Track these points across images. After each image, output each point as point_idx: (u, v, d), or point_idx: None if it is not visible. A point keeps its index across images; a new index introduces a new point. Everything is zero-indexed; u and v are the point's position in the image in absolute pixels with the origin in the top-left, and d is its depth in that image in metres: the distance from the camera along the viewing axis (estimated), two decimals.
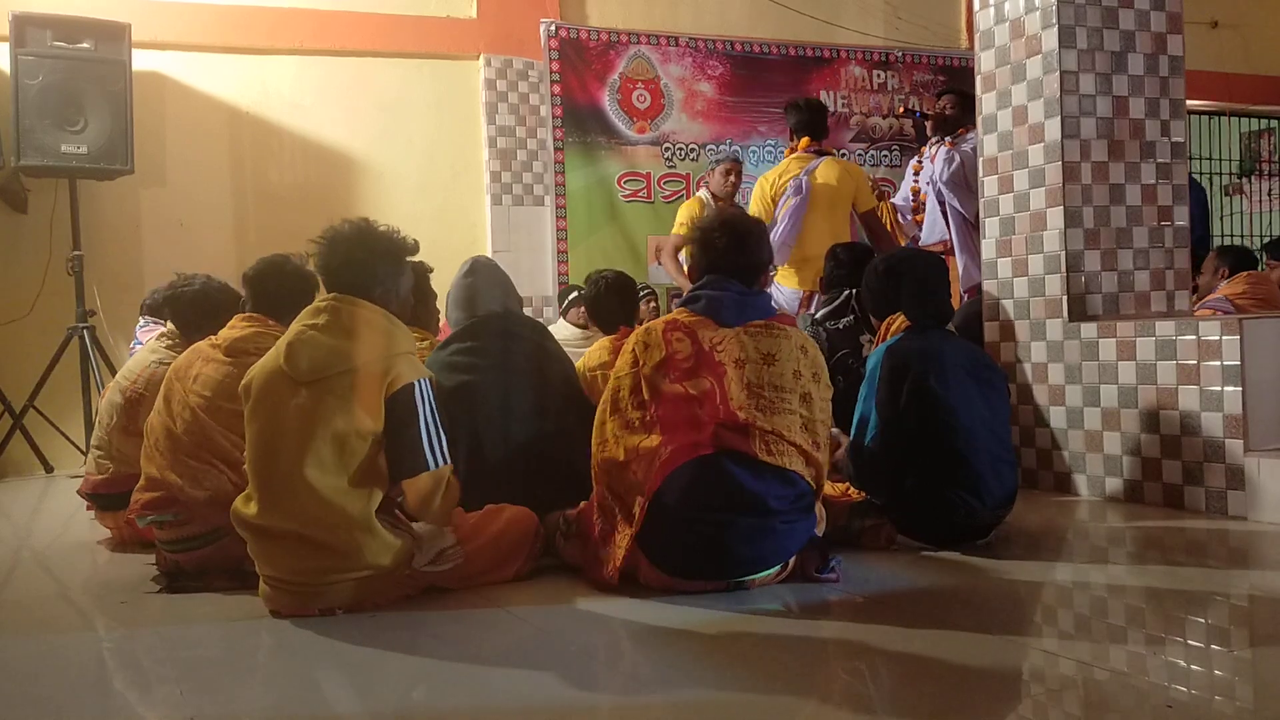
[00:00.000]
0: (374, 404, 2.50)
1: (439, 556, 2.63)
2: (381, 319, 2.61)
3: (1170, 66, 4.09)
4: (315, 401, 2.50)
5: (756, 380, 2.64)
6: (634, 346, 2.76)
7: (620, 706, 1.97)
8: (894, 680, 2.06)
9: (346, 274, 2.64)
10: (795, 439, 2.62)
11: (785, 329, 2.75)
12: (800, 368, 2.70)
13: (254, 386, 2.58)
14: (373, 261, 2.65)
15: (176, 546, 2.99)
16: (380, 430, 2.51)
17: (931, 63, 8.07)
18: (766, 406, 2.62)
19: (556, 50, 7.10)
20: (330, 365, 2.51)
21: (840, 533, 3.03)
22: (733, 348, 2.68)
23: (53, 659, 2.34)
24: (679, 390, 2.63)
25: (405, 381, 2.53)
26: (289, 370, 2.53)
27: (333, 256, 2.65)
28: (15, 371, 5.82)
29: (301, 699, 2.05)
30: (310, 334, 2.56)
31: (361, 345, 2.54)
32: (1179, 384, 3.58)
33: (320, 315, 2.60)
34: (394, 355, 2.57)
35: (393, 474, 2.55)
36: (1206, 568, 2.97)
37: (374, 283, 2.64)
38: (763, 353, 2.68)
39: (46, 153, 5.56)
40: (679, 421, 2.60)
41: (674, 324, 2.75)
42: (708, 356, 2.66)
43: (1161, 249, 4.10)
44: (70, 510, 4.36)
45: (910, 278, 3.27)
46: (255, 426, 2.57)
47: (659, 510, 2.56)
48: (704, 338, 2.69)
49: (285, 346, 2.57)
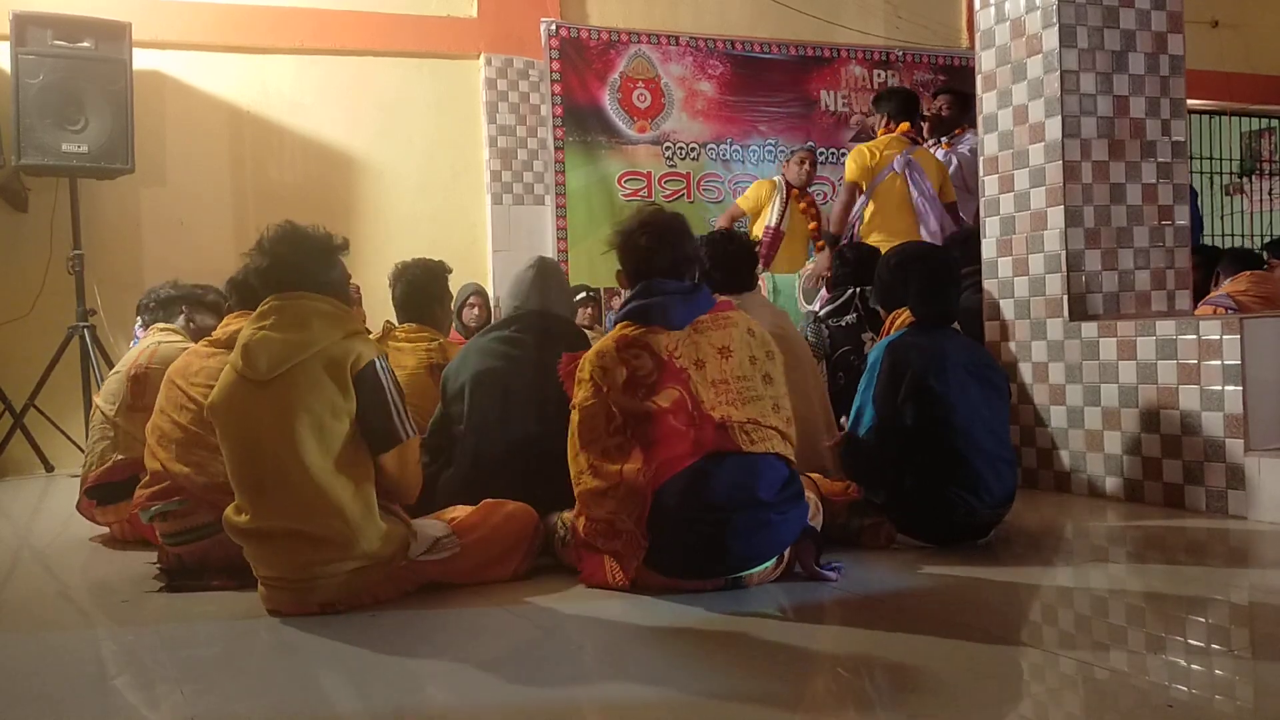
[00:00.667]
0: (342, 383, 2.53)
1: (435, 546, 2.64)
2: (327, 305, 2.64)
3: (1171, 66, 4.09)
4: (284, 394, 2.51)
5: (720, 376, 2.64)
6: (591, 374, 2.69)
7: (620, 706, 1.97)
8: (893, 679, 2.06)
9: (277, 274, 2.66)
10: (771, 421, 2.64)
11: (730, 316, 2.74)
12: (754, 352, 2.71)
13: (219, 406, 2.60)
14: (300, 259, 2.67)
15: (180, 539, 3.00)
16: (353, 409, 2.54)
17: (932, 62, 8.07)
18: (736, 399, 2.62)
19: (557, 49, 7.10)
20: (290, 357, 2.53)
21: (840, 531, 3.04)
22: (689, 350, 2.66)
23: (53, 658, 2.34)
24: (650, 407, 2.60)
25: (367, 359, 2.57)
26: (249, 373, 2.54)
27: (263, 260, 2.67)
28: (16, 370, 5.82)
29: (301, 698, 2.05)
30: (262, 334, 2.58)
31: (315, 332, 2.57)
32: (1179, 383, 3.58)
33: (268, 316, 2.62)
34: (349, 336, 2.60)
35: (371, 450, 2.58)
36: (1207, 567, 2.97)
37: (304, 279, 2.66)
38: (717, 347, 2.68)
39: (47, 152, 5.57)
40: (658, 439, 2.58)
41: (625, 341, 2.69)
42: (669, 365, 2.64)
43: (1162, 248, 4.10)
44: (70, 509, 4.34)
45: (919, 273, 3.26)
46: (230, 441, 2.59)
47: (655, 517, 2.55)
48: (660, 347, 2.66)
49: (240, 351, 2.59)
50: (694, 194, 7.51)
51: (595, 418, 2.66)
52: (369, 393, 2.56)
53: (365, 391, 2.55)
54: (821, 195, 7.70)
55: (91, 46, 5.68)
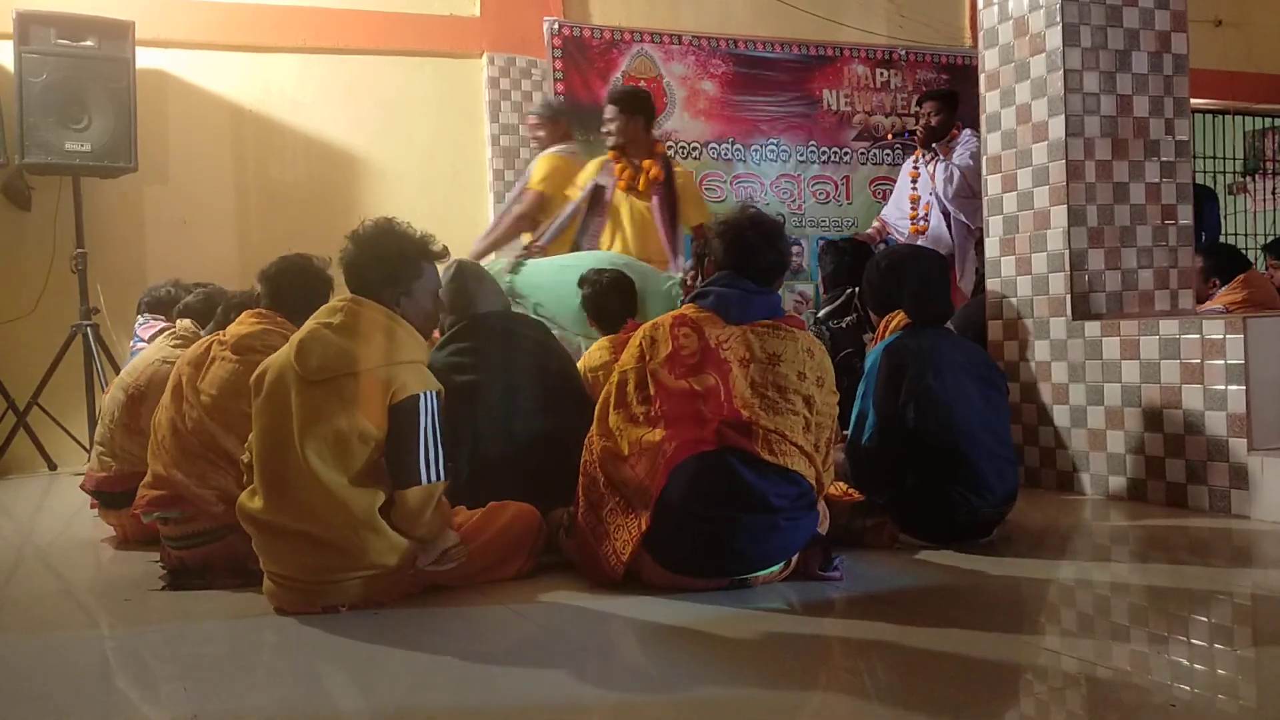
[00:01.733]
0: (377, 411, 2.49)
1: (443, 556, 2.63)
2: (389, 323, 2.59)
3: (1174, 65, 4.09)
4: (320, 401, 2.50)
5: (760, 379, 2.64)
6: (640, 340, 2.76)
7: (624, 704, 1.97)
8: (897, 678, 2.06)
9: (357, 273, 2.64)
10: (798, 440, 2.62)
11: (793, 330, 2.75)
12: (805, 370, 2.70)
13: (266, 380, 2.58)
14: (381, 262, 2.64)
15: (182, 543, 3.00)
16: (382, 437, 2.51)
17: (935, 61, 8.05)
18: (770, 406, 2.62)
19: (559, 48, 7.09)
20: (338, 366, 2.51)
21: (843, 531, 3.03)
22: (738, 346, 2.68)
23: (56, 657, 2.34)
24: (684, 386, 2.63)
25: (410, 393, 2.51)
26: (298, 368, 2.53)
27: (350, 255, 2.66)
28: (19, 369, 5.82)
29: (305, 696, 2.05)
30: (323, 332, 2.56)
31: (369, 349, 2.53)
32: (1182, 383, 3.58)
33: (336, 314, 2.59)
34: (399, 363, 2.55)
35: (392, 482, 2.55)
36: (1209, 566, 2.97)
37: (382, 284, 2.63)
38: (768, 352, 2.68)
39: (50, 150, 5.57)
40: (683, 417, 2.60)
41: (681, 319, 2.75)
42: (713, 353, 2.66)
43: (1165, 247, 4.10)
44: (73, 508, 4.36)
45: (912, 276, 3.26)
46: (263, 421, 2.57)
47: (663, 508, 2.55)
48: (710, 334, 2.69)
49: (297, 343, 2.56)
50: None
51: (632, 382, 2.71)
52: (400, 426, 2.50)
53: (397, 424, 2.50)
54: (825, 194, 7.71)
55: (95, 45, 5.69)
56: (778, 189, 7.69)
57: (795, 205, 7.71)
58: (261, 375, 2.60)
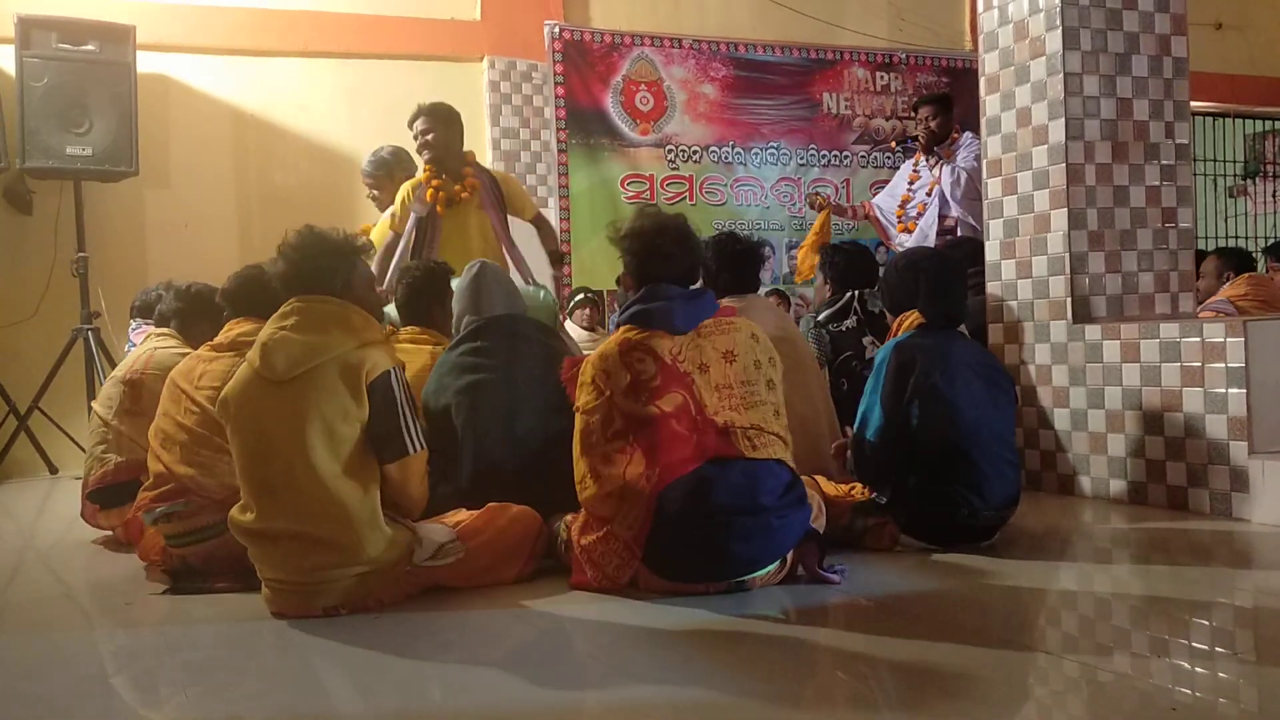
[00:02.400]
0: (356, 390, 2.54)
1: (439, 551, 2.64)
2: (344, 311, 2.65)
3: (1174, 68, 4.09)
4: (299, 396, 2.52)
5: (723, 380, 2.64)
6: (594, 377, 2.69)
7: (623, 708, 1.97)
8: (896, 682, 2.06)
9: (296, 280, 2.68)
10: (773, 428, 2.64)
11: (733, 321, 2.74)
12: (758, 356, 2.71)
13: (231, 401, 2.61)
14: (315, 264, 2.67)
15: (184, 540, 3.01)
16: (365, 417, 2.55)
17: (935, 64, 8.06)
18: (739, 404, 2.62)
19: (560, 52, 7.10)
20: (307, 359, 2.54)
21: (843, 533, 3.03)
22: (693, 354, 2.66)
23: (56, 659, 2.34)
24: (654, 412, 2.60)
25: (382, 369, 2.58)
26: (265, 373, 2.55)
27: (282, 266, 2.69)
28: (20, 372, 5.83)
29: (304, 700, 2.05)
30: (282, 334, 2.59)
31: (333, 337, 2.58)
32: (1183, 386, 3.57)
33: (289, 317, 2.63)
34: (366, 344, 2.61)
35: (378, 459, 2.59)
36: (1210, 570, 2.96)
37: (322, 283, 2.67)
38: (721, 351, 2.68)
39: (51, 154, 5.58)
40: (659, 443, 2.58)
41: (628, 344, 2.69)
42: (672, 370, 2.64)
43: (1166, 251, 4.10)
44: (74, 511, 4.35)
45: (928, 275, 3.26)
46: (241, 438, 2.59)
47: (657, 522, 2.55)
48: (664, 351, 2.66)
49: (259, 349, 2.59)
50: (696, 197, 7.52)
51: (597, 421, 2.66)
52: (380, 402, 2.57)
53: (377, 400, 2.56)
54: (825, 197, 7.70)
55: (96, 50, 5.70)
56: (778, 192, 7.70)
57: (796, 209, 7.71)
58: (226, 397, 2.63)
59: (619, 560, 2.61)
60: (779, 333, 3.20)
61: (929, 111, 5.61)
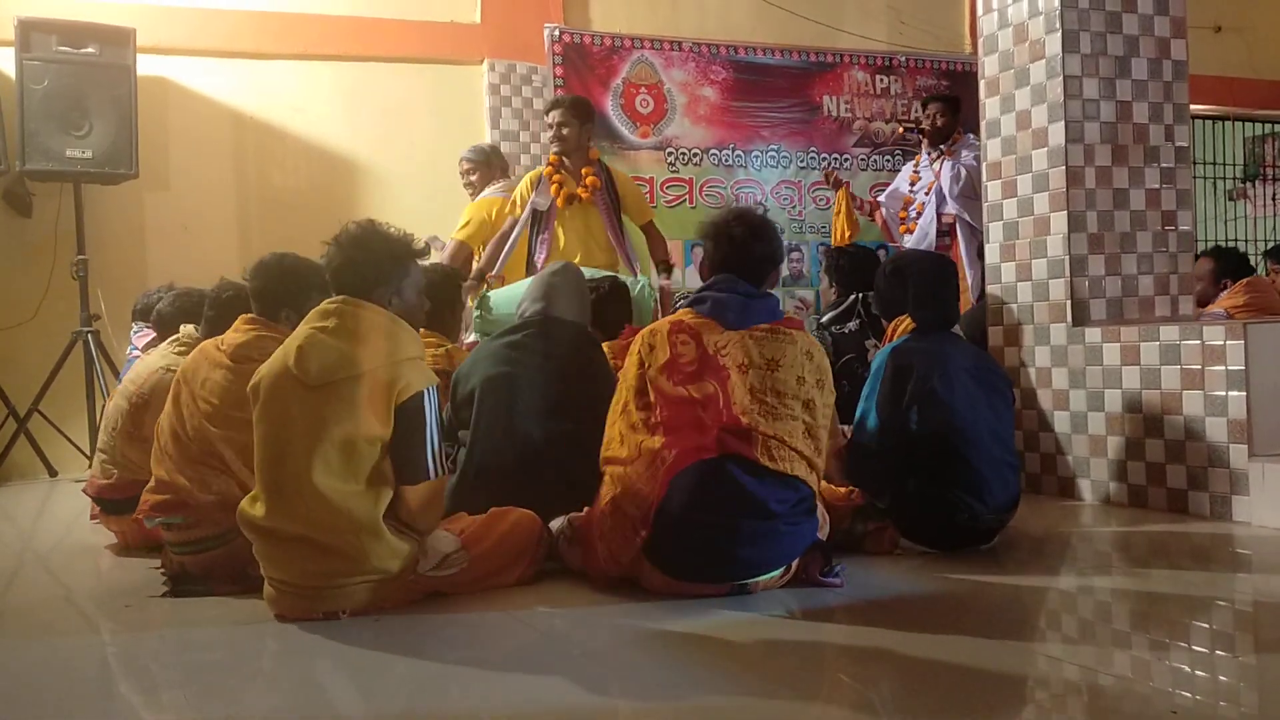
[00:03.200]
0: (383, 411, 2.50)
1: (444, 562, 2.63)
2: (388, 323, 2.60)
3: (1174, 71, 4.09)
4: (322, 405, 2.49)
5: (760, 385, 2.64)
6: (639, 349, 2.76)
7: (625, 711, 1.97)
8: (897, 685, 2.06)
9: (348, 275, 2.64)
10: (797, 445, 2.62)
11: (791, 333, 2.74)
12: (804, 373, 2.69)
13: (262, 388, 2.58)
14: (372, 263, 2.64)
15: (184, 549, 2.99)
16: (388, 437, 2.52)
17: (935, 67, 8.06)
18: (769, 412, 2.62)
19: (560, 55, 7.10)
20: (339, 370, 2.51)
21: (843, 536, 3.03)
22: (737, 352, 2.67)
23: (56, 663, 2.34)
24: (682, 393, 2.63)
25: (415, 390, 2.53)
26: (298, 373, 2.52)
27: (336, 257, 2.65)
28: (19, 375, 5.83)
29: (306, 702, 2.05)
30: (320, 337, 2.56)
31: (369, 350, 2.53)
32: (1183, 389, 3.58)
33: (329, 318, 2.59)
34: (401, 361, 2.56)
35: (397, 480, 2.56)
36: (1210, 573, 2.96)
37: (374, 284, 2.63)
38: (767, 358, 2.68)
39: (51, 157, 5.58)
40: (682, 424, 2.60)
41: (679, 325, 2.75)
42: (712, 360, 2.66)
43: (1165, 253, 4.10)
44: (74, 514, 4.36)
45: (916, 279, 3.27)
46: (263, 428, 2.57)
47: (663, 516, 2.55)
48: (708, 341, 2.69)
49: (295, 349, 2.55)
50: (696, 200, 7.51)
51: (632, 390, 2.71)
52: (408, 424, 2.52)
53: (404, 422, 2.52)
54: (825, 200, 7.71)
55: (96, 52, 5.70)
56: (778, 195, 7.70)
57: (796, 211, 7.71)
58: (258, 383, 2.60)
59: (623, 538, 2.62)
60: None
61: (938, 109, 5.70)
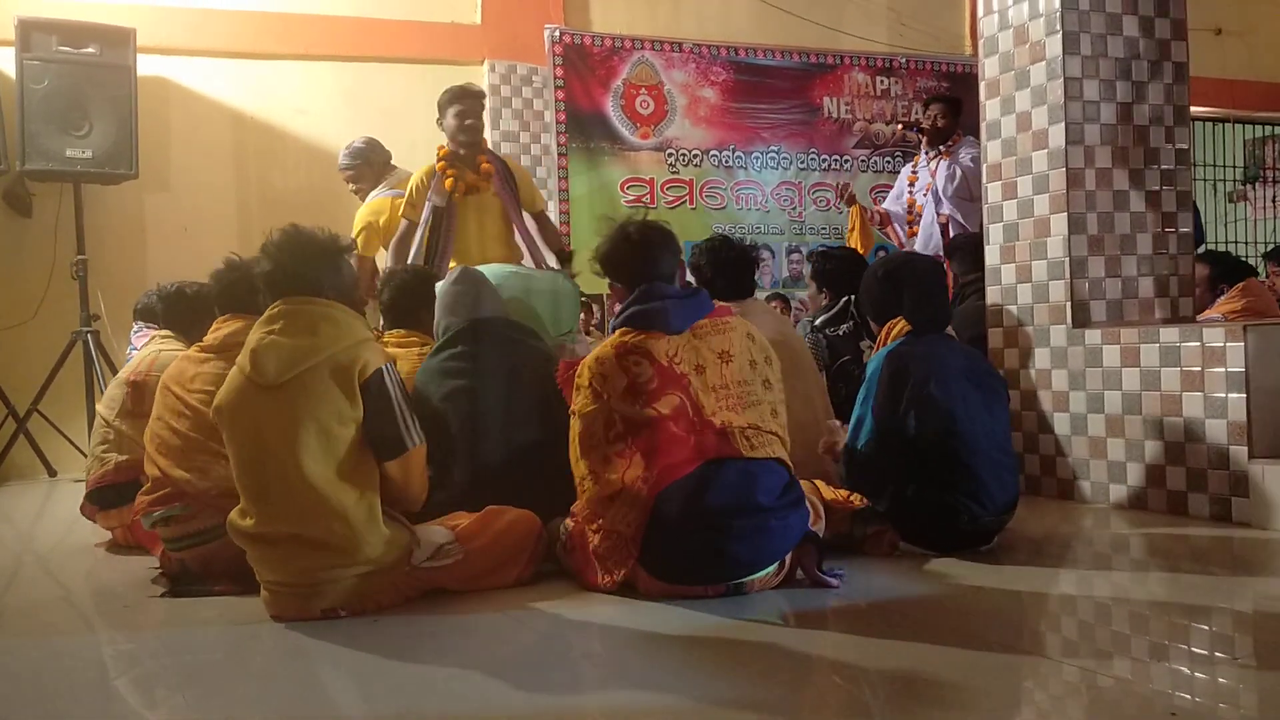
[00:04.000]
0: (349, 391, 2.53)
1: (438, 553, 2.64)
2: (336, 311, 2.64)
3: (1174, 73, 4.09)
4: (291, 400, 2.51)
5: (720, 381, 2.64)
6: (591, 381, 2.69)
7: (621, 712, 1.97)
8: (896, 687, 2.05)
9: (285, 279, 2.66)
10: (770, 426, 2.65)
11: (728, 321, 2.75)
12: (754, 356, 2.72)
13: (225, 408, 2.60)
14: (307, 262, 2.66)
15: (182, 544, 3.00)
16: (360, 417, 2.54)
17: (935, 69, 8.07)
18: (737, 404, 2.63)
19: (560, 56, 7.11)
20: (298, 363, 2.53)
21: (843, 540, 3.03)
22: (689, 355, 2.67)
23: (55, 662, 2.34)
24: (651, 414, 2.60)
25: (374, 367, 2.57)
26: (257, 378, 2.54)
27: (270, 267, 2.67)
28: (19, 375, 5.83)
29: (303, 703, 2.05)
30: (270, 339, 2.59)
31: (323, 339, 2.57)
32: (1183, 390, 3.57)
33: (276, 320, 2.62)
34: (357, 343, 2.60)
35: (377, 457, 2.59)
36: (1210, 575, 2.96)
37: (315, 285, 2.66)
38: (717, 351, 2.68)
39: (51, 157, 5.59)
40: (658, 446, 2.58)
41: (624, 347, 2.69)
42: (668, 372, 2.64)
43: (1165, 255, 4.10)
44: (73, 514, 4.34)
45: (912, 282, 3.26)
46: (236, 444, 2.59)
47: (656, 525, 2.55)
48: (659, 353, 2.66)
49: (249, 355, 2.58)
50: (696, 200, 7.52)
51: (595, 424, 2.66)
52: (376, 400, 2.56)
53: (372, 399, 2.56)
54: (825, 201, 7.71)
55: (96, 52, 5.71)
56: (778, 196, 7.71)
57: (796, 213, 7.72)
58: (219, 404, 2.62)
59: (617, 557, 2.62)
60: (778, 336, 3.19)
61: (939, 109, 5.70)
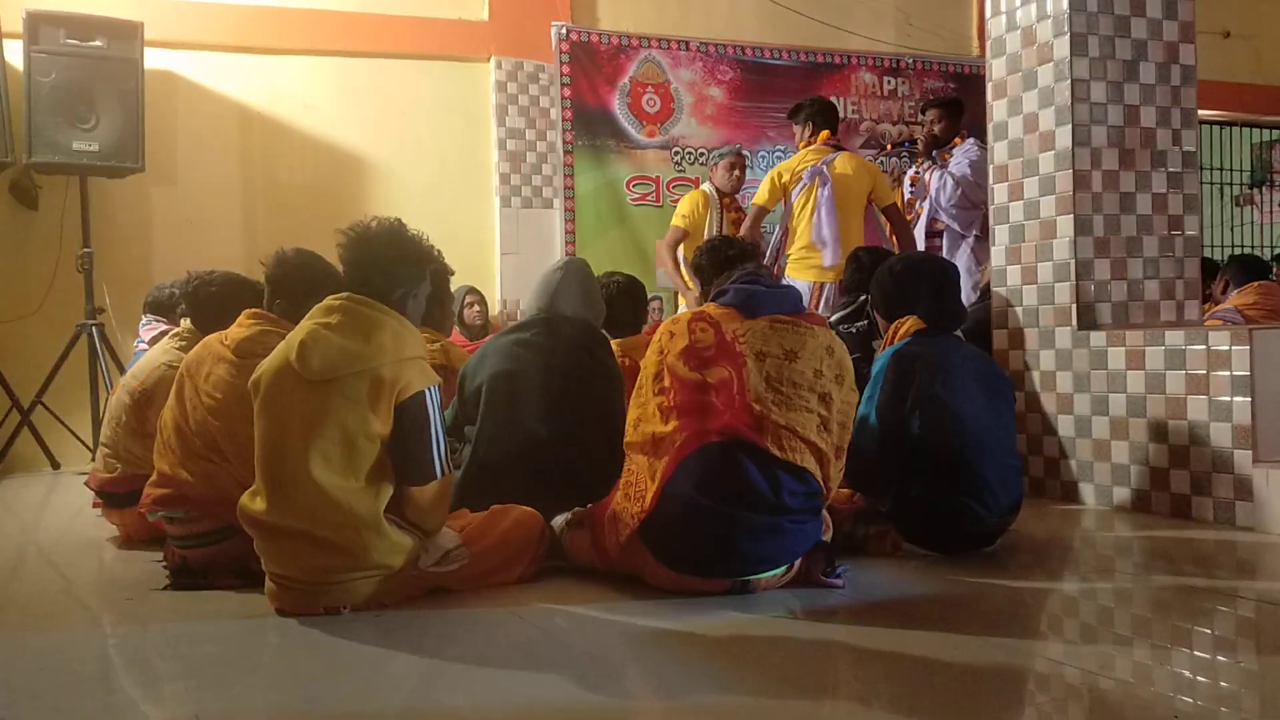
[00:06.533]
0: (383, 409, 2.50)
1: (445, 557, 2.64)
2: (394, 323, 2.59)
3: (1182, 76, 4.08)
4: (324, 401, 2.49)
5: (776, 374, 2.64)
6: (660, 336, 2.80)
7: (625, 709, 1.97)
8: (899, 687, 2.05)
9: (367, 273, 2.62)
10: (810, 437, 2.62)
11: (813, 328, 2.75)
12: (823, 367, 2.69)
13: (263, 383, 2.58)
14: (396, 266, 2.63)
15: (186, 542, 3.00)
16: (387, 434, 2.51)
17: (942, 69, 8.06)
18: (783, 401, 2.61)
19: (567, 53, 7.10)
20: (341, 366, 2.50)
21: (846, 539, 3.03)
22: (755, 340, 2.68)
23: (58, 655, 2.34)
24: (696, 378, 2.64)
25: (416, 389, 2.52)
26: (299, 368, 2.52)
27: (358, 253, 2.63)
28: (23, 368, 5.83)
29: (306, 697, 2.05)
30: (323, 333, 2.55)
31: (373, 348, 2.52)
32: (1188, 394, 3.57)
33: (333, 314, 2.58)
34: (404, 360, 2.55)
35: (400, 480, 2.56)
36: (1213, 578, 2.96)
37: (394, 286, 2.63)
38: (785, 348, 2.68)
39: (58, 150, 5.59)
40: (693, 409, 2.61)
41: (700, 315, 2.78)
42: (729, 346, 2.67)
43: (1171, 258, 4.09)
44: (77, 507, 4.37)
45: (929, 280, 3.26)
46: (263, 423, 2.56)
47: (668, 502, 2.55)
48: (727, 329, 2.71)
49: (298, 344, 2.55)
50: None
51: (650, 376, 2.75)
52: (412, 422, 2.52)
53: (408, 420, 2.51)
54: None
55: (103, 45, 5.71)
56: None
57: None
58: (258, 378, 2.59)
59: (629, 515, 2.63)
60: None
61: (935, 115, 5.63)
